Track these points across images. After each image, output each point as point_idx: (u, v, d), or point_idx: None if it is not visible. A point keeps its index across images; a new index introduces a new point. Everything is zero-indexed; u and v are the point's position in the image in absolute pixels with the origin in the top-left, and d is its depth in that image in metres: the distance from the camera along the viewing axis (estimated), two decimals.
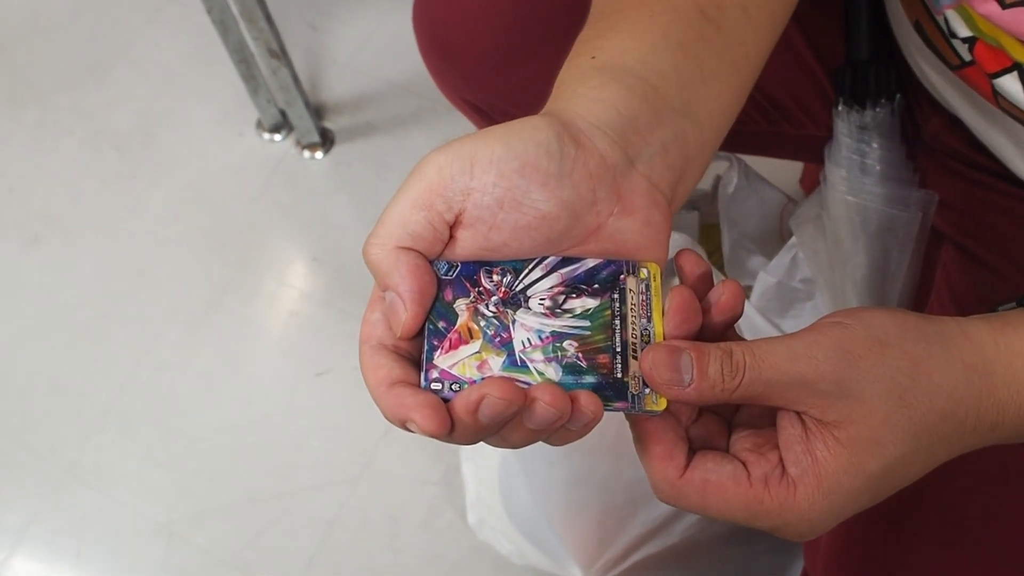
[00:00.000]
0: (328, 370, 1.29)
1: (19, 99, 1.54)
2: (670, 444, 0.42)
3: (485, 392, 0.38)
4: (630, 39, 0.46)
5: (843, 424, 0.40)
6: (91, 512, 1.23)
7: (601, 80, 0.44)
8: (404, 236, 0.40)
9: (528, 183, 0.40)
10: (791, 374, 0.40)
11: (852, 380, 0.40)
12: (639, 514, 0.93)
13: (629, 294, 0.43)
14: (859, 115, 0.76)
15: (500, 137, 0.40)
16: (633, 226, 0.43)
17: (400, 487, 1.22)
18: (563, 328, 0.43)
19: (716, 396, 0.40)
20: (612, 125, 0.42)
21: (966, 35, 0.59)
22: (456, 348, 0.42)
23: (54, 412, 1.29)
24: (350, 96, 1.49)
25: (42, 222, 1.43)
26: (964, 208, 0.74)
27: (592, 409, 0.40)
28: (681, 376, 0.40)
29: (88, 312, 1.36)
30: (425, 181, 0.40)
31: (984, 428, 0.43)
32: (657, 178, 0.44)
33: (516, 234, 0.41)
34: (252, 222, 1.41)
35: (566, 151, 0.41)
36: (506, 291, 0.43)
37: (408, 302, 0.40)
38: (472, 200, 0.40)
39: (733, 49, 0.49)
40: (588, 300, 0.43)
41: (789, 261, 0.86)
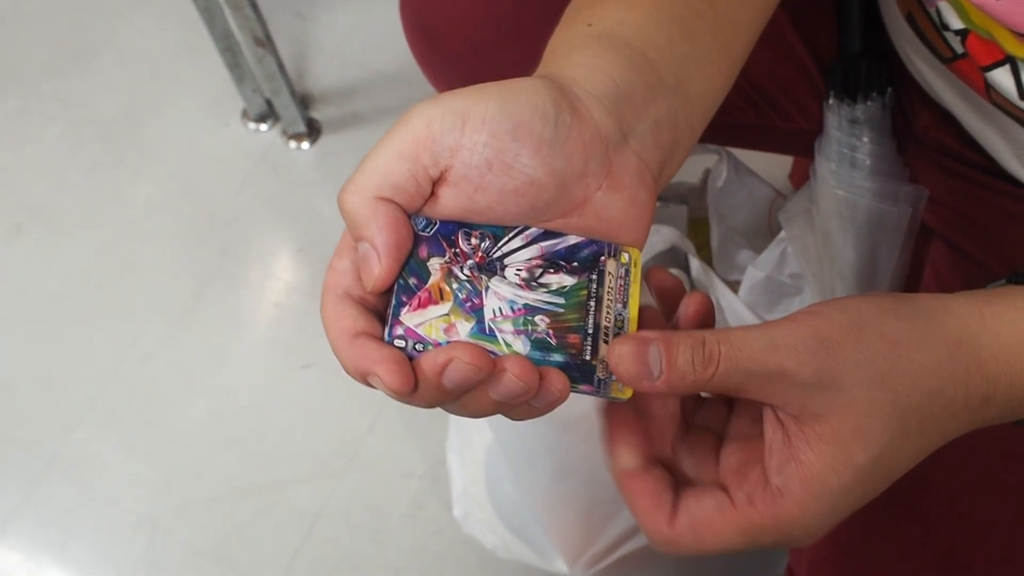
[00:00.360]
0: (313, 362, 1.28)
1: (1, 87, 1.52)
2: (654, 496, 0.41)
3: (454, 355, 0.37)
4: (626, 10, 0.45)
5: (825, 417, 0.39)
6: (74, 504, 1.22)
7: (599, 49, 0.43)
8: (384, 186, 0.38)
9: (520, 146, 0.39)
10: (770, 365, 0.38)
11: (832, 369, 0.38)
12: (624, 508, 0.93)
13: (608, 277, 0.42)
14: (850, 109, 0.76)
15: (495, 95, 0.39)
16: (619, 203, 0.42)
17: (385, 480, 1.22)
18: (536, 302, 0.41)
19: (688, 387, 0.39)
20: (609, 96, 0.41)
21: (959, 27, 0.59)
22: (425, 307, 0.40)
23: (37, 404, 1.28)
24: (337, 86, 1.48)
25: (25, 212, 1.41)
26: (953, 204, 0.74)
27: (559, 388, 0.39)
28: (649, 369, 0.39)
29: (71, 303, 1.35)
30: (412, 132, 0.38)
31: (975, 403, 0.41)
32: (647, 156, 0.43)
33: (502, 198, 0.40)
34: (237, 213, 1.40)
35: (562, 118, 0.39)
36: (483, 256, 0.41)
37: (383, 255, 0.38)
38: (460, 158, 0.39)
39: (725, 28, 0.48)
40: (565, 277, 0.42)
41: (778, 255, 0.86)
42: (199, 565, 1.18)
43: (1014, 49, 0.55)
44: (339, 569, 1.18)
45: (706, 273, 0.87)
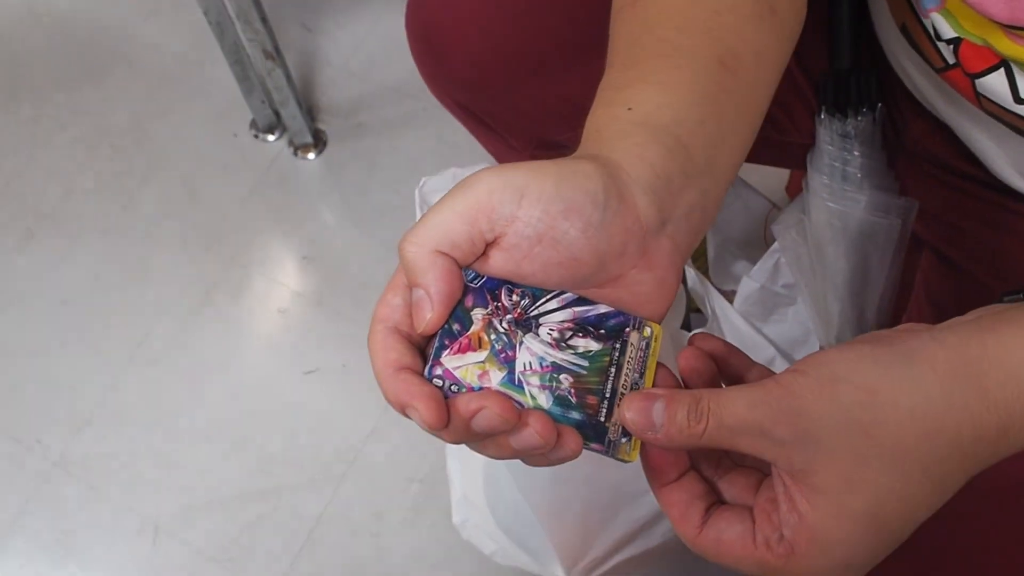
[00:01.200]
0: (316, 368, 1.30)
1: (16, 95, 1.55)
2: (684, 506, 0.44)
3: (486, 404, 0.41)
4: (662, 93, 0.47)
5: (812, 471, 0.40)
6: (79, 506, 1.24)
7: (641, 138, 0.45)
8: (444, 242, 0.41)
9: (569, 225, 0.42)
10: (749, 421, 0.41)
11: (805, 425, 0.40)
12: (621, 514, 0.94)
13: (629, 347, 0.45)
14: (841, 123, 0.77)
15: (553, 175, 0.42)
16: (650, 282, 0.45)
17: (385, 485, 1.23)
18: (563, 361, 0.45)
19: (685, 441, 0.41)
20: (652, 186, 0.44)
21: (951, 36, 0.60)
22: (464, 352, 0.44)
23: (44, 406, 1.30)
24: (343, 98, 1.50)
25: (35, 217, 1.44)
26: (944, 215, 0.76)
27: (572, 448, 0.42)
28: (653, 422, 0.42)
29: (80, 307, 1.37)
30: (474, 197, 0.41)
31: (991, 435, 0.41)
32: (680, 240, 0.46)
33: (545, 268, 0.43)
34: (244, 221, 1.42)
35: (610, 204, 0.42)
36: (521, 313, 0.45)
37: (436, 303, 0.42)
38: (514, 228, 0.42)
39: (748, 98, 0.50)
40: (592, 342, 0.45)
41: (772, 266, 0.87)
42: (202, 568, 1.19)
43: (1007, 50, 0.56)
44: (339, 573, 1.19)
45: (702, 283, 0.89)
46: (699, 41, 0.49)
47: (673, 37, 0.50)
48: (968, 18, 0.58)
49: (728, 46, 0.50)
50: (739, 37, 0.50)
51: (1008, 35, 0.56)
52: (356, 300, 1.33)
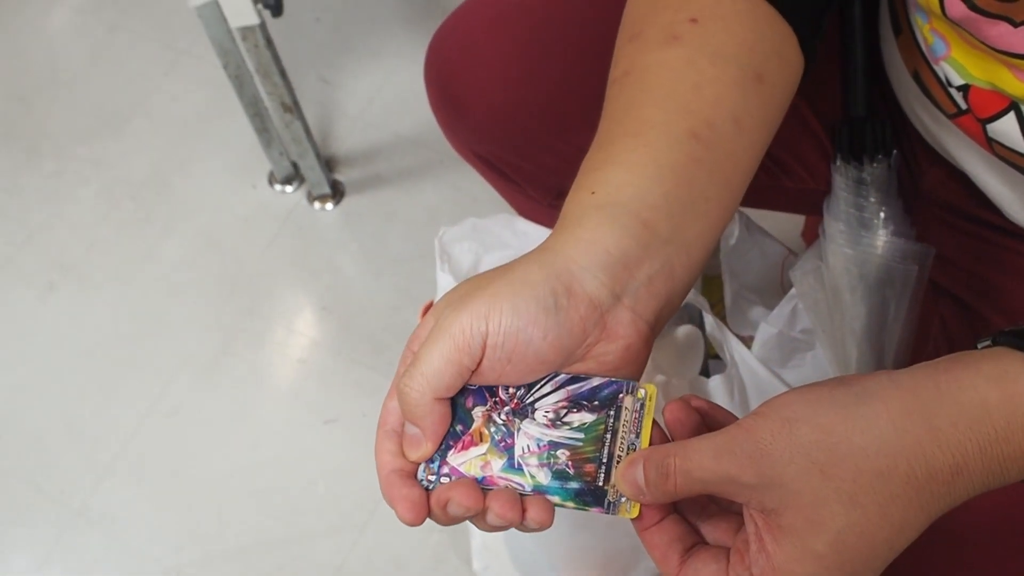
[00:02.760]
0: (336, 418, 1.30)
1: (37, 149, 1.57)
2: (664, 548, 0.47)
3: (451, 495, 0.47)
4: (626, 172, 0.51)
5: (781, 511, 0.42)
6: (101, 555, 1.24)
7: (598, 221, 0.49)
8: (441, 388, 0.48)
9: (530, 337, 0.47)
10: (717, 472, 0.43)
11: (769, 469, 0.42)
12: (642, 561, 0.94)
13: (624, 411, 0.49)
14: (857, 171, 0.78)
15: (507, 296, 0.47)
16: (615, 351, 0.49)
17: (406, 534, 1.23)
18: (560, 438, 0.49)
19: (665, 497, 0.45)
20: (603, 266, 0.48)
21: (960, 83, 0.61)
22: (467, 448, 0.49)
23: (66, 455, 1.31)
24: (360, 149, 1.52)
25: (58, 270, 1.45)
26: (961, 261, 0.76)
27: (539, 520, 0.47)
28: (639, 488, 0.45)
29: (101, 358, 1.38)
30: (453, 340, 0.47)
31: (945, 475, 0.42)
32: (641, 308, 0.49)
33: (521, 376, 0.49)
34: (263, 271, 1.43)
35: (560, 303, 0.47)
36: (517, 402, 0.49)
37: (429, 441, 0.48)
38: (487, 354, 0.47)
39: (724, 165, 0.53)
40: (586, 415, 0.49)
41: (790, 312, 0.88)
42: None
43: (1015, 90, 0.57)
44: None
45: (720, 329, 0.89)
46: (673, 116, 0.53)
47: (648, 115, 0.54)
48: (974, 64, 0.59)
49: (703, 118, 0.53)
50: (717, 108, 0.53)
51: (1015, 73, 0.57)
52: (375, 349, 1.34)
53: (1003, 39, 0.56)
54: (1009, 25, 0.55)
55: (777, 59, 0.57)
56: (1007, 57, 0.56)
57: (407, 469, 0.49)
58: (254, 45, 1.20)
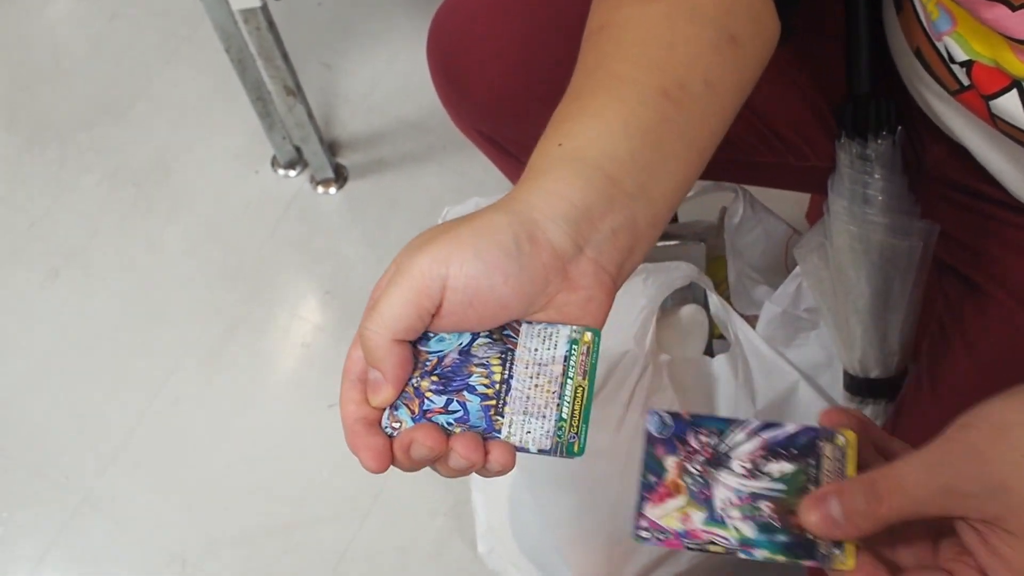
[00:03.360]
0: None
1: (40, 137, 1.57)
2: (871, 570, 0.45)
3: (413, 438, 0.46)
4: (593, 127, 0.51)
5: (1006, 516, 0.42)
6: (106, 541, 1.24)
7: (562, 173, 0.49)
8: (399, 329, 0.47)
9: (491, 281, 0.47)
10: (933, 485, 0.42)
11: (992, 475, 0.42)
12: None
13: (824, 460, 0.47)
14: (861, 147, 0.78)
15: (469, 239, 0.47)
16: (577, 301, 0.49)
17: (410, 519, 1.23)
18: (761, 490, 0.47)
19: (873, 525, 0.43)
20: (567, 217, 0.48)
21: (963, 59, 0.61)
22: (663, 501, 0.47)
23: (71, 442, 1.31)
24: (363, 133, 1.52)
25: (61, 257, 1.45)
26: (965, 238, 0.76)
27: (501, 463, 0.47)
28: (834, 521, 0.44)
29: (105, 345, 1.38)
30: (412, 281, 0.46)
31: None
32: (604, 260, 0.49)
33: (482, 321, 0.48)
34: (266, 257, 1.43)
35: (522, 249, 0.47)
36: (711, 452, 0.48)
37: (391, 383, 0.48)
38: (447, 297, 0.47)
39: (694, 126, 0.53)
40: (786, 464, 0.48)
41: (794, 290, 0.88)
42: None
43: (1017, 69, 0.57)
44: None
45: (724, 308, 0.89)
46: (645, 74, 0.53)
47: (622, 70, 0.53)
48: (979, 40, 0.59)
49: (675, 77, 0.53)
50: (689, 68, 0.53)
51: (1017, 54, 0.56)
52: None
53: (1000, 22, 0.56)
54: (1007, 8, 0.55)
55: (753, 23, 0.57)
56: (1007, 39, 0.56)
57: (371, 417, 0.48)
58: (256, 28, 1.19)
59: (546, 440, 0.47)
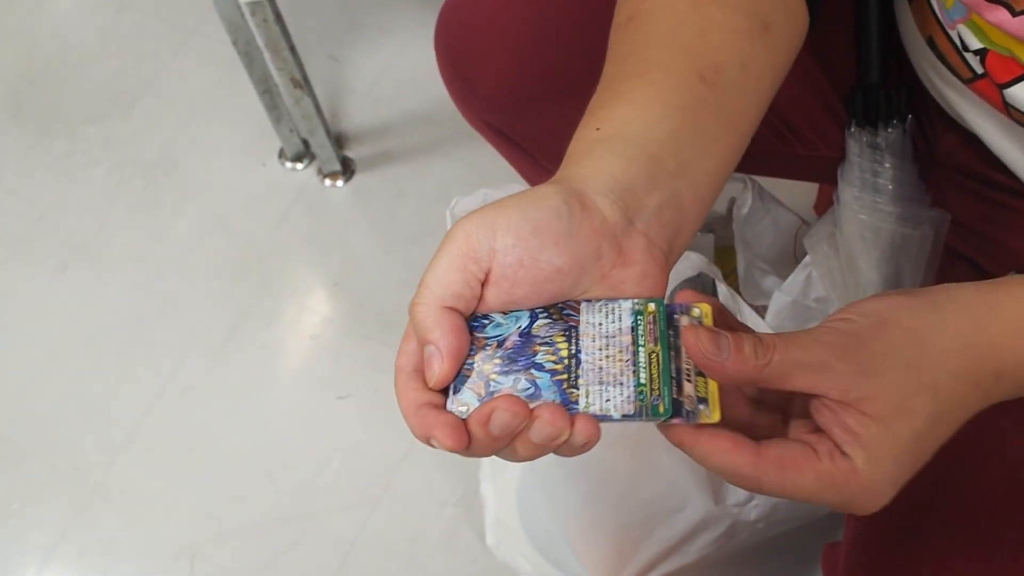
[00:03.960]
0: (349, 394, 1.30)
1: (48, 130, 1.57)
2: (733, 438, 0.45)
3: (496, 406, 0.43)
4: (630, 111, 0.51)
5: (868, 399, 0.44)
6: (117, 532, 1.25)
7: (602, 152, 0.49)
8: (447, 296, 0.45)
9: (542, 242, 0.46)
10: (815, 355, 0.44)
11: (866, 359, 0.44)
12: (656, 532, 0.94)
13: (683, 330, 0.47)
14: (871, 136, 0.78)
15: (516, 205, 0.46)
16: (632, 276, 0.48)
17: (419, 509, 1.23)
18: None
19: (748, 372, 0.44)
20: (612, 190, 0.48)
21: (977, 47, 0.61)
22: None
23: (81, 434, 1.32)
24: (370, 126, 1.52)
25: (69, 249, 1.46)
26: (977, 226, 0.76)
27: (586, 434, 0.44)
28: (720, 351, 0.44)
29: (114, 337, 1.38)
30: (456, 246, 0.45)
31: (990, 380, 0.47)
32: (655, 235, 0.49)
33: (535, 287, 0.47)
34: (274, 249, 1.43)
35: (573, 212, 0.46)
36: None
37: (446, 357, 0.45)
38: (496, 260, 0.46)
39: (730, 108, 0.53)
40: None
41: (803, 280, 0.87)
42: None
43: None
44: None
45: (733, 298, 0.89)
46: (679, 59, 0.53)
47: (655, 57, 0.53)
48: (994, 30, 0.59)
49: (709, 61, 0.53)
50: (723, 52, 0.53)
51: None
52: (387, 324, 1.34)
53: (1002, 25, 0.56)
54: (1008, 12, 0.55)
55: (783, 10, 0.57)
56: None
57: (436, 402, 0.45)
58: (263, 20, 1.19)
59: (628, 405, 0.46)
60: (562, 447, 0.45)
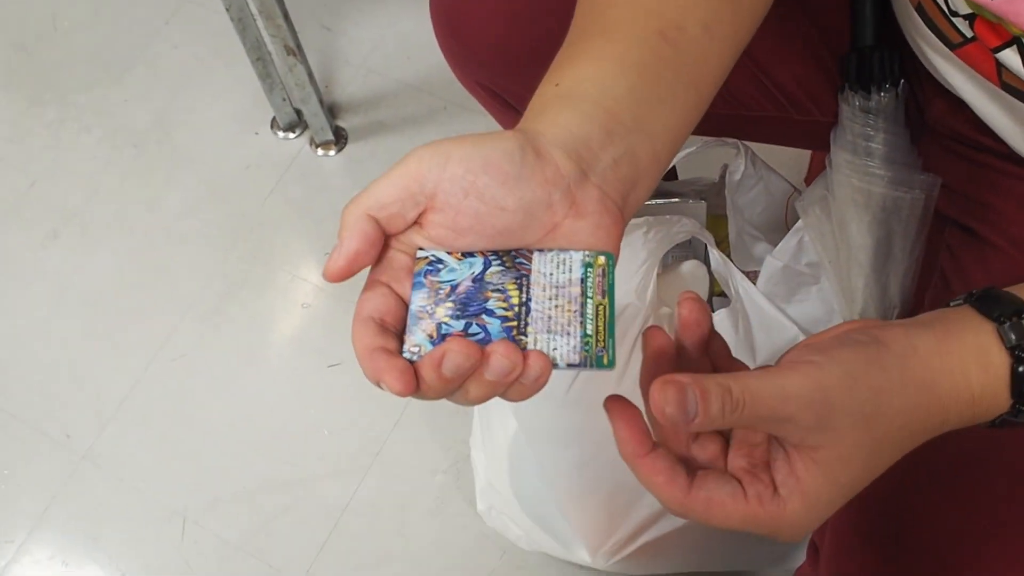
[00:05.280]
0: (340, 362, 1.31)
1: (40, 98, 1.57)
2: (669, 472, 0.47)
3: (447, 348, 0.44)
4: (589, 67, 0.52)
5: (819, 448, 0.46)
6: (107, 498, 1.25)
7: (559, 107, 0.50)
8: (374, 206, 0.47)
9: (490, 179, 0.47)
10: (781, 412, 0.45)
11: (829, 416, 0.46)
12: (646, 496, 0.95)
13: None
14: (864, 100, 0.78)
15: (473, 141, 0.47)
16: (585, 227, 0.49)
17: (410, 476, 1.24)
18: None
19: (715, 427, 0.46)
20: (567, 143, 0.49)
21: (966, 12, 0.61)
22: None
23: (72, 400, 1.32)
24: (363, 96, 1.52)
25: (61, 217, 1.45)
26: (967, 190, 0.76)
27: (539, 367, 0.46)
28: (687, 413, 0.45)
29: (105, 304, 1.38)
30: (407, 167, 0.47)
31: (935, 428, 0.50)
32: (609, 188, 0.49)
33: (479, 220, 0.48)
34: (266, 218, 1.43)
35: (526, 158, 0.47)
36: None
37: (342, 255, 0.47)
38: (442, 187, 0.47)
39: (691, 67, 0.54)
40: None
41: (795, 245, 0.88)
42: (229, 557, 1.20)
43: (1018, 31, 0.58)
44: (364, 563, 1.20)
45: (724, 263, 0.89)
46: (641, 17, 0.54)
47: (617, 14, 0.54)
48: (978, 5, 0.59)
49: (671, 20, 0.54)
50: (687, 12, 0.54)
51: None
52: None
53: (986, 3, 0.57)
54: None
55: None
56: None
57: (389, 347, 0.46)
58: None
59: (574, 355, 0.47)
60: (514, 385, 0.46)
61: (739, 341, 0.90)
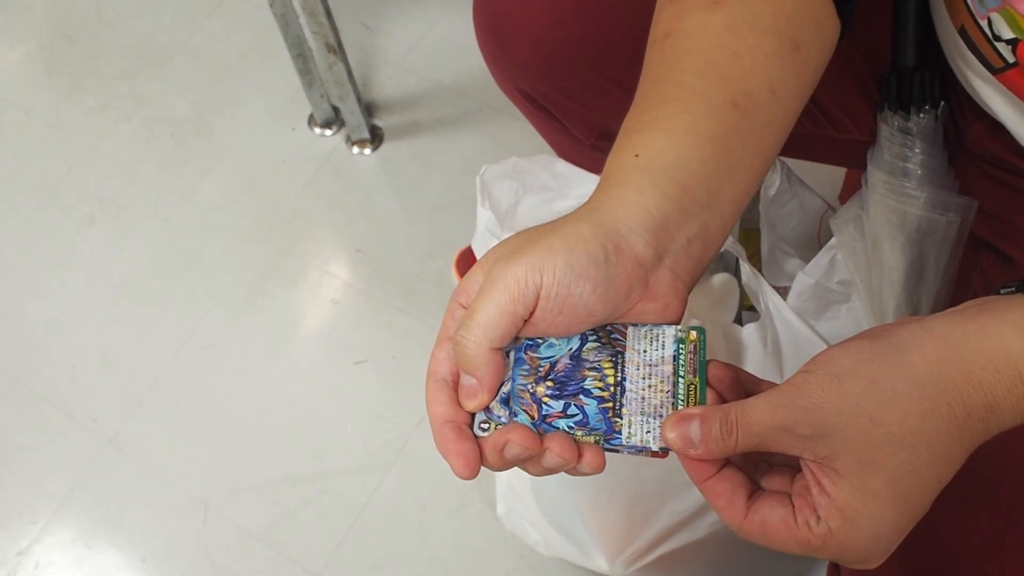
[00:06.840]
0: (367, 358, 1.31)
1: (81, 85, 1.59)
2: (729, 496, 0.48)
3: (509, 438, 0.48)
4: (668, 138, 0.53)
5: (834, 457, 0.45)
6: (131, 483, 1.26)
7: (642, 184, 0.51)
8: (496, 338, 0.49)
9: (582, 290, 0.49)
10: (773, 425, 0.46)
11: (819, 420, 0.45)
12: (667, 506, 0.95)
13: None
14: (903, 120, 0.78)
15: (560, 250, 0.49)
16: (655, 309, 0.51)
17: (431, 475, 1.25)
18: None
19: (723, 452, 0.47)
20: (647, 227, 0.50)
21: (1010, 37, 0.61)
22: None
23: (100, 385, 1.33)
24: (400, 95, 1.53)
25: (97, 203, 1.47)
26: (1003, 214, 0.76)
27: (592, 464, 0.49)
28: (693, 442, 0.48)
29: (137, 291, 1.40)
30: (508, 290, 0.48)
31: (980, 412, 0.46)
32: (680, 269, 0.51)
33: (568, 327, 0.50)
34: (299, 212, 1.44)
35: (610, 259, 0.49)
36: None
37: (486, 391, 0.49)
38: (540, 305, 0.49)
39: (760, 133, 0.55)
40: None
41: (828, 262, 0.88)
42: (249, 547, 1.21)
43: None
44: (383, 559, 1.21)
45: (755, 278, 0.89)
46: (713, 85, 0.54)
47: (690, 81, 0.55)
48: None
49: (742, 87, 0.54)
50: (755, 77, 0.55)
51: None
52: (407, 293, 1.35)
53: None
54: None
55: (814, 28, 0.58)
56: None
57: (460, 419, 0.50)
58: None
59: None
60: (570, 471, 0.49)
61: (767, 356, 0.90)
